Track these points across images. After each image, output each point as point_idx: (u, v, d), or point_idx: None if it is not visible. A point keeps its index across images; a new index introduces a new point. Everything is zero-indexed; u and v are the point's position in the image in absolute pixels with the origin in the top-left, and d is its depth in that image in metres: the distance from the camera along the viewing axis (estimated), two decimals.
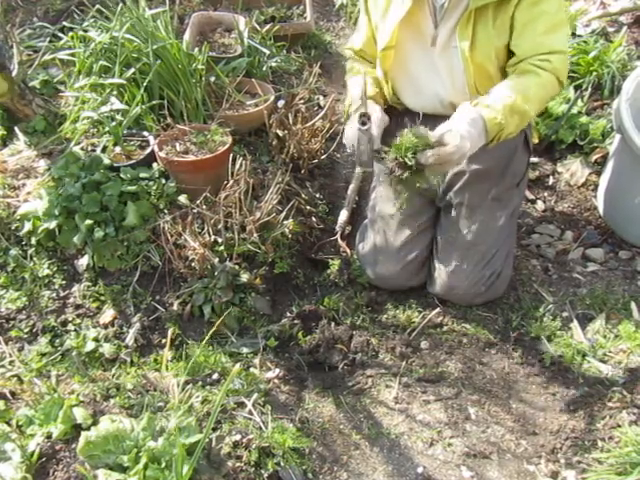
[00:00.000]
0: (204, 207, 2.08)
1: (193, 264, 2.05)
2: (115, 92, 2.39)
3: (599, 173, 2.58)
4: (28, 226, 2.09)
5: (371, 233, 2.21)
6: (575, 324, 2.08)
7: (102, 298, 2.08)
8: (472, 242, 2.05)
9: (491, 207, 2.07)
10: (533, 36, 1.78)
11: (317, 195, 2.50)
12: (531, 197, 2.61)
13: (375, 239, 2.19)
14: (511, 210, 2.10)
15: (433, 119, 1.98)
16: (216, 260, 2.04)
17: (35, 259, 2.12)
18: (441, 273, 2.09)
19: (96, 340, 1.97)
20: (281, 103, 2.48)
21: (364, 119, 1.72)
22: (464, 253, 2.06)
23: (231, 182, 2.07)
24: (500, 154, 2.03)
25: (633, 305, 2.11)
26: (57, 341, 1.98)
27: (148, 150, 2.24)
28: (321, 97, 2.93)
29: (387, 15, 1.95)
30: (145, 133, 2.33)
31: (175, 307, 2.04)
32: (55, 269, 2.11)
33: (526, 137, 2.11)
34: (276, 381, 1.92)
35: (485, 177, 2.05)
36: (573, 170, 2.64)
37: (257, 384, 1.84)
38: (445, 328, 2.12)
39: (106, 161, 2.15)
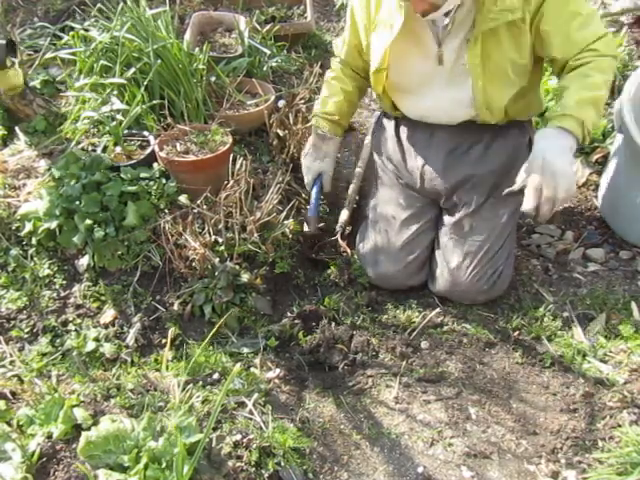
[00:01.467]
0: (204, 207, 2.08)
1: (194, 264, 2.05)
2: (116, 92, 2.39)
3: (600, 173, 2.58)
4: (29, 226, 2.09)
5: (372, 233, 2.21)
6: (575, 324, 2.08)
7: (102, 298, 2.08)
8: (475, 239, 2.06)
9: (494, 204, 2.08)
10: (569, 37, 1.75)
11: None
12: None
13: (376, 239, 2.19)
14: (514, 208, 2.10)
15: (432, 126, 2.00)
16: (216, 260, 2.04)
17: (36, 259, 2.12)
18: (444, 271, 2.09)
19: (96, 340, 1.97)
20: (281, 103, 2.48)
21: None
22: (467, 250, 2.06)
23: (231, 182, 2.08)
24: (507, 155, 2.07)
25: (633, 305, 2.11)
26: (58, 341, 1.99)
27: (148, 150, 2.24)
28: None
29: (378, 35, 1.96)
30: (145, 133, 2.33)
31: (175, 307, 2.04)
32: (56, 269, 2.11)
33: (530, 138, 2.12)
34: (276, 381, 1.92)
35: (491, 178, 2.08)
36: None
37: (257, 384, 1.84)
38: (445, 328, 2.12)
39: (106, 161, 2.16)
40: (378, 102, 2.27)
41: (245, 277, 2.06)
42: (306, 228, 2.29)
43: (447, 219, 2.15)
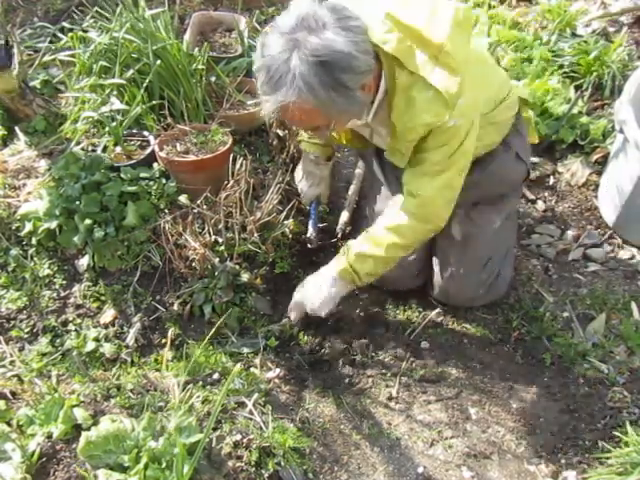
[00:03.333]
0: (204, 207, 2.08)
1: (194, 264, 2.05)
2: (115, 92, 2.39)
3: (600, 173, 2.59)
4: (29, 226, 2.09)
5: None
6: (575, 324, 2.08)
7: (102, 298, 2.08)
8: (468, 247, 2.05)
9: (484, 211, 2.06)
10: (407, 171, 1.77)
11: None
12: (531, 197, 2.61)
13: None
14: (506, 213, 2.09)
15: None
16: (216, 260, 2.04)
17: (36, 259, 2.12)
18: (439, 279, 2.09)
19: (96, 340, 1.97)
20: None
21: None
22: (460, 258, 2.05)
23: (231, 182, 2.07)
24: (494, 174, 1.97)
25: (633, 305, 2.11)
26: (57, 341, 1.99)
27: (148, 150, 2.24)
28: None
29: None
30: (145, 133, 2.33)
31: (175, 307, 2.04)
32: (56, 269, 2.11)
33: (517, 153, 2.00)
34: (277, 381, 1.92)
35: (478, 191, 1.99)
36: (574, 170, 2.64)
37: (258, 384, 1.84)
38: (445, 328, 2.12)
39: (106, 161, 2.15)
40: None
41: (245, 277, 2.06)
42: (309, 245, 2.26)
43: None
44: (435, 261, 2.12)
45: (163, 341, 1.99)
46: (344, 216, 2.39)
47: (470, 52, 1.64)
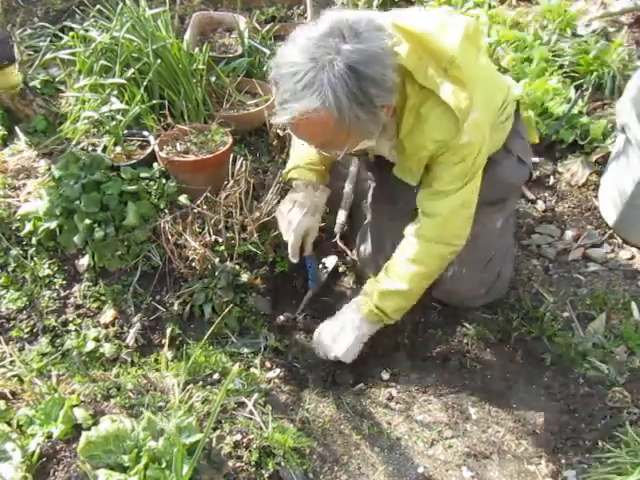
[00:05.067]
0: (205, 207, 2.08)
1: (194, 264, 2.05)
2: (115, 92, 2.40)
3: (600, 173, 2.59)
4: (29, 226, 2.09)
5: (371, 235, 2.20)
6: (575, 324, 2.08)
7: (102, 298, 2.08)
8: (470, 247, 2.04)
9: (487, 211, 2.05)
10: (421, 192, 1.74)
11: None
12: (531, 197, 2.61)
13: (376, 241, 2.18)
14: (508, 213, 2.09)
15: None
16: (217, 260, 2.04)
17: (36, 259, 2.12)
18: (440, 278, 2.09)
19: (96, 340, 1.97)
20: None
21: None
22: (462, 258, 2.04)
23: (231, 182, 2.07)
24: (495, 178, 1.94)
25: (633, 305, 2.11)
26: (57, 341, 1.99)
27: (149, 150, 2.24)
28: None
29: None
30: (145, 133, 2.33)
31: (175, 307, 2.04)
32: (56, 269, 2.11)
33: (519, 157, 1.99)
34: (277, 381, 1.92)
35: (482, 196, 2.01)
36: (574, 170, 2.64)
37: (257, 384, 1.84)
38: (445, 328, 2.12)
39: (106, 161, 2.15)
40: None
41: (245, 277, 2.06)
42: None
43: None
44: None
45: (163, 341, 1.99)
46: (341, 215, 2.38)
47: (478, 66, 1.61)
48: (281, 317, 2.10)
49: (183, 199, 2.14)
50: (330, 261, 2.28)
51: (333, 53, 1.33)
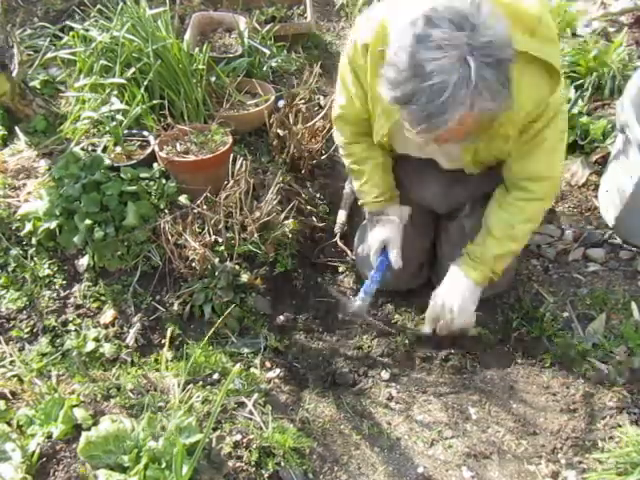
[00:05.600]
0: (204, 207, 2.08)
1: (193, 264, 2.05)
2: (115, 92, 2.39)
3: (600, 173, 2.58)
4: (29, 226, 2.09)
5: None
6: (575, 324, 2.08)
7: (102, 298, 2.08)
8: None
9: None
10: (525, 162, 1.72)
11: (317, 195, 2.50)
12: None
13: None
14: None
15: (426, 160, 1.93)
16: (216, 260, 2.04)
17: (36, 259, 2.12)
18: (444, 269, 2.07)
19: (96, 340, 1.97)
20: (281, 103, 2.48)
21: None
22: None
23: (231, 182, 2.08)
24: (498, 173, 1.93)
25: (633, 305, 2.11)
26: (57, 341, 1.99)
27: (149, 150, 2.24)
28: (321, 97, 2.93)
29: (377, 114, 1.78)
30: (145, 133, 2.33)
31: (175, 307, 2.04)
32: (56, 269, 2.11)
33: None
34: (276, 381, 1.92)
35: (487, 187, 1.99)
36: (574, 170, 2.64)
37: (257, 384, 1.84)
38: None
39: (106, 161, 2.15)
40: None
41: (245, 277, 2.06)
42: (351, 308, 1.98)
43: (446, 223, 2.13)
44: (442, 255, 2.11)
45: (163, 341, 1.99)
46: (341, 215, 2.38)
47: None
48: (281, 317, 2.10)
49: (183, 199, 2.14)
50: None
51: (470, 49, 1.25)
